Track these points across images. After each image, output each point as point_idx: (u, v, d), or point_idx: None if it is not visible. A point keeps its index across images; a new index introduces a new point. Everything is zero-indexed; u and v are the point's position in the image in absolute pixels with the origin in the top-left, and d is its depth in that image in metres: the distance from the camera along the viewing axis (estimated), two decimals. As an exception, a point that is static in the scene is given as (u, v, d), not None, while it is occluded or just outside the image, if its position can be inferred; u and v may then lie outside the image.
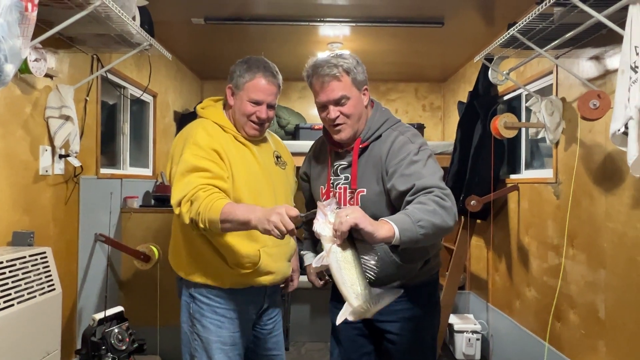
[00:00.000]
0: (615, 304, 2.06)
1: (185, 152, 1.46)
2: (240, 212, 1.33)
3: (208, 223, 1.35)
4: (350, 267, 1.13)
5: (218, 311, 1.56)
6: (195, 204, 1.36)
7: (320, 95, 1.45)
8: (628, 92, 1.53)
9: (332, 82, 1.43)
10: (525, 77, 2.94)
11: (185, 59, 4.14)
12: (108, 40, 2.25)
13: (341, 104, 1.44)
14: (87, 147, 2.51)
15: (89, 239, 2.51)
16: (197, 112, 1.67)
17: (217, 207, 1.34)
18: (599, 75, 2.20)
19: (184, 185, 1.40)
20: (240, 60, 1.60)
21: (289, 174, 1.73)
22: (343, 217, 1.12)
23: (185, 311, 1.60)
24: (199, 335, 1.56)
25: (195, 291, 1.56)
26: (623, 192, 2.00)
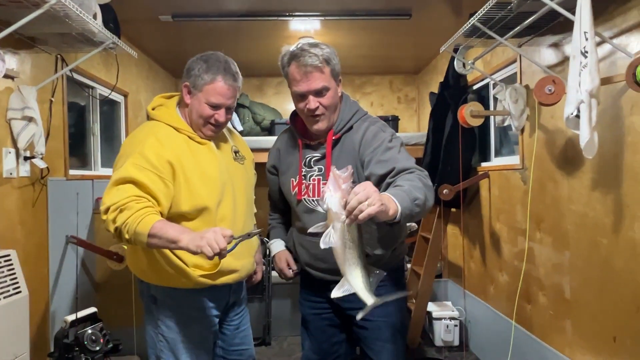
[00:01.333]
0: (579, 284, 2.12)
1: (129, 161, 1.39)
2: (172, 231, 1.32)
3: (134, 235, 1.31)
4: (355, 246, 1.12)
5: (180, 311, 1.52)
6: (126, 213, 1.32)
7: (300, 84, 1.43)
8: (579, 76, 1.57)
9: (314, 72, 1.41)
10: (491, 66, 2.99)
11: (157, 57, 4.10)
12: (70, 40, 2.22)
13: (321, 95, 1.44)
14: (55, 148, 2.48)
15: (60, 242, 2.48)
16: (148, 113, 1.59)
17: (148, 222, 1.31)
18: (559, 62, 2.26)
19: (118, 192, 1.35)
20: (199, 57, 1.52)
21: (248, 169, 1.71)
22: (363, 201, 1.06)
23: (149, 313, 1.56)
24: (164, 336, 1.52)
25: (157, 292, 1.52)
26: (583, 175, 2.06)
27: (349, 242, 1.11)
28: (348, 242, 1.11)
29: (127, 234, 1.32)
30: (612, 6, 1.84)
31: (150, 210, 1.35)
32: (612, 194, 1.86)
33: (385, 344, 1.59)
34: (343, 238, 1.11)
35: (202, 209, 1.47)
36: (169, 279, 1.48)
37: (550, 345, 2.35)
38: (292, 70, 1.44)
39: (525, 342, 2.55)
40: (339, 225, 1.11)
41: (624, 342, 1.82)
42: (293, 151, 1.60)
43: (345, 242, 1.11)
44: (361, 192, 1.08)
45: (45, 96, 2.40)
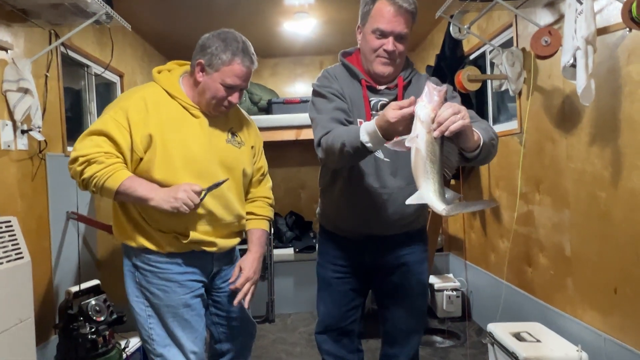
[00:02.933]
0: (579, 240, 2.13)
1: (109, 114, 1.40)
2: (141, 189, 1.36)
3: (102, 189, 1.35)
4: (436, 159, 1.09)
5: (162, 276, 1.49)
6: (95, 167, 1.34)
7: (388, 23, 1.38)
8: (575, 23, 1.57)
9: (406, 15, 1.38)
10: (487, 33, 2.98)
11: (151, 39, 4.08)
12: (64, 12, 2.21)
13: (401, 40, 1.41)
14: (52, 123, 2.48)
15: (61, 216, 2.49)
16: (153, 75, 1.56)
17: (118, 177, 1.35)
18: (555, 20, 2.25)
19: (90, 144, 1.36)
20: (215, 34, 1.47)
21: (245, 153, 1.60)
22: (457, 113, 1.08)
23: (131, 282, 1.53)
24: (150, 301, 1.50)
25: (137, 260, 1.50)
26: (581, 132, 2.06)
27: (431, 155, 1.08)
28: (430, 156, 1.08)
29: (94, 187, 1.35)
30: (607, -43, 1.83)
31: (119, 167, 1.37)
32: (610, 146, 1.87)
33: (415, 301, 1.62)
34: (427, 149, 1.08)
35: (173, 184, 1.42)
36: (145, 240, 1.47)
37: (552, 305, 2.36)
38: (381, 5, 1.38)
39: (526, 305, 2.56)
40: (425, 137, 1.08)
41: (625, 292, 1.83)
42: (355, 89, 1.48)
43: (428, 154, 1.08)
44: (456, 106, 1.10)
45: (41, 71, 2.39)
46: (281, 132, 3.83)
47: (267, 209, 1.70)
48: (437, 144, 1.08)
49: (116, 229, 1.54)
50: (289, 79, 4.91)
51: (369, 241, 1.55)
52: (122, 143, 1.38)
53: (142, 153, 1.41)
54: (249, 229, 1.67)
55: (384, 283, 1.62)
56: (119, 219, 1.52)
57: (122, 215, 1.49)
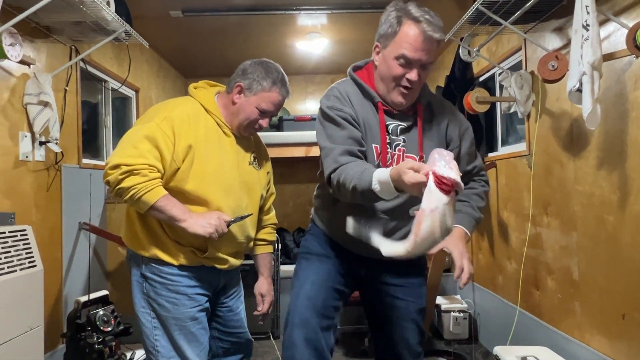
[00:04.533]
0: (587, 264, 2.12)
1: (155, 120, 1.45)
2: (175, 209, 1.43)
3: (137, 201, 1.39)
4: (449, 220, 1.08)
5: (172, 288, 1.52)
6: (136, 178, 1.38)
7: (415, 51, 1.29)
8: (581, 49, 1.60)
9: (434, 45, 1.31)
10: (497, 56, 3.01)
11: (167, 55, 4.19)
12: (85, 29, 2.29)
13: (425, 70, 1.34)
14: (68, 136, 2.55)
15: (73, 227, 2.54)
16: (188, 90, 1.65)
17: (156, 194, 1.40)
18: (563, 45, 2.27)
19: (135, 153, 1.40)
20: (257, 62, 1.57)
21: (262, 176, 1.70)
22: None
23: (138, 292, 1.56)
24: (157, 313, 1.52)
25: (147, 270, 1.53)
26: (589, 155, 2.07)
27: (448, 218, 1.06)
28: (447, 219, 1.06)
29: (129, 197, 1.39)
30: (614, -15, 1.87)
31: (157, 182, 1.42)
32: (618, 170, 1.87)
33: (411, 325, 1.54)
34: (443, 213, 1.05)
35: (203, 197, 1.49)
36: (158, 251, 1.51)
37: (559, 329, 2.34)
38: (409, 30, 1.28)
39: (534, 328, 2.54)
40: (445, 200, 1.04)
41: (633, 317, 1.81)
42: (369, 112, 1.40)
43: (445, 218, 1.05)
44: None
45: (60, 85, 2.47)
46: (291, 149, 3.88)
47: (274, 234, 1.85)
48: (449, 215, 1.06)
49: (128, 238, 1.58)
50: (300, 97, 4.99)
51: (367, 259, 1.47)
52: (165, 153, 1.44)
53: (180, 163, 1.47)
54: (260, 254, 1.79)
55: (379, 303, 1.54)
56: (133, 228, 1.55)
57: (139, 224, 1.53)
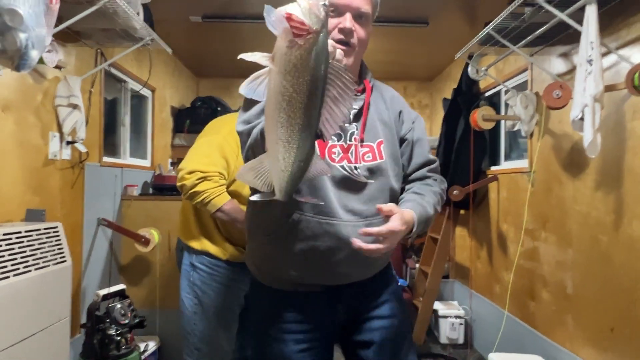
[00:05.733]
0: (580, 279, 2.24)
1: (222, 133, 1.70)
2: (238, 214, 1.66)
3: (207, 204, 1.64)
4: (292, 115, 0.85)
5: (217, 279, 1.74)
6: (209, 184, 1.63)
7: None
8: (584, 82, 1.71)
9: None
10: (504, 74, 3.13)
11: (182, 56, 4.29)
12: (112, 35, 2.40)
13: (360, 21, 1.13)
14: (91, 136, 2.66)
15: (92, 223, 2.65)
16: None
17: (223, 198, 1.65)
18: (567, 70, 2.39)
19: (207, 161, 1.65)
20: None
21: None
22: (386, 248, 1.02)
23: (185, 279, 1.79)
24: (200, 299, 1.73)
25: (197, 260, 1.75)
26: (587, 177, 2.19)
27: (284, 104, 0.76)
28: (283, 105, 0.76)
29: (199, 199, 1.64)
30: (617, 19, 1.98)
31: (224, 189, 1.68)
32: (614, 194, 1.99)
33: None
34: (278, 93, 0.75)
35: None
36: (210, 245, 1.76)
37: (552, 339, 2.47)
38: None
39: (527, 337, 2.66)
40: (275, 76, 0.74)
41: (621, 332, 1.94)
42: None
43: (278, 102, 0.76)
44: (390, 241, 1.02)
45: (86, 87, 2.58)
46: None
47: None
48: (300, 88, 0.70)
49: (183, 231, 1.84)
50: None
51: (333, 293, 1.18)
52: (231, 162, 1.67)
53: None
54: None
55: (362, 342, 1.23)
56: (187, 223, 1.80)
57: (194, 220, 1.78)
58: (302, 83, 0.67)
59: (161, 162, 3.70)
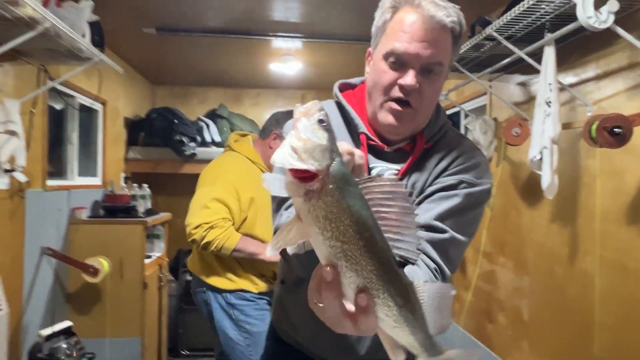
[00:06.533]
0: (536, 307, 2.29)
1: (218, 185, 1.87)
2: (252, 247, 1.88)
3: (222, 248, 1.83)
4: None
5: (258, 307, 1.92)
6: (217, 231, 1.81)
7: (409, 41, 0.85)
8: (543, 124, 1.73)
9: (442, 35, 0.86)
10: (463, 96, 3.16)
11: (137, 65, 4.09)
12: (56, 54, 2.23)
13: (428, 75, 0.87)
14: (33, 159, 2.46)
15: (35, 253, 2.47)
16: (230, 145, 2.07)
17: (235, 239, 1.85)
18: (525, 100, 2.43)
19: (209, 212, 1.83)
20: (287, 112, 1.92)
21: None
22: None
23: (227, 318, 1.94)
24: (249, 332, 1.87)
25: (233, 298, 1.92)
26: (544, 208, 2.23)
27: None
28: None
29: (215, 247, 1.82)
30: (573, 56, 2.02)
31: (233, 229, 1.87)
32: (568, 228, 2.04)
33: None
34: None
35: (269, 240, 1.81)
36: (242, 282, 1.93)
37: (508, 363, 2.51)
38: (404, 15, 0.86)
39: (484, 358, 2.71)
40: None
41: (574, 364, 1.99)
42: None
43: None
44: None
45: (26, 107, 2.39)
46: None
47: None
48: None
49: (206, 272, 1.98)
50: (270, 110, 4.96)
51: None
52: (233, 207, 1.85)
53: (247, 212, 1.90)
54: None
55: None
56: (211, 264, 1.95)
57: (216, 261, 1.94)
58: (346, 229, 0.51)
59: (114, 179, 3.51)
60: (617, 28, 1.50)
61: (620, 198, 1.73)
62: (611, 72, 1.81)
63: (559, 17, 1.73)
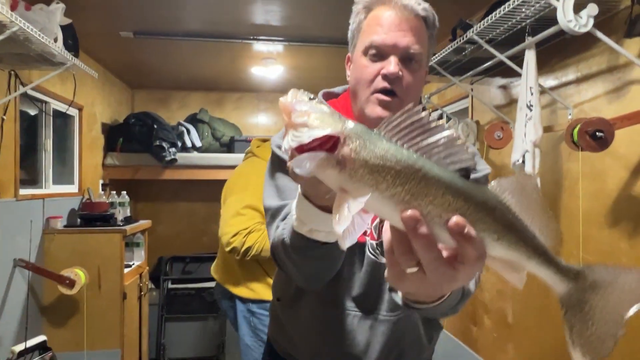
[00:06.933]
0: (520, 310, 2.29)
1: (248, 193, 1.86)
2: None
3: (262, 250, 1.83)
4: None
5: None
6: (255, 235, 1.82)
7: (386, 33, 0.86)
8: (524, 127, 1.73)
9: (416, 22, 0.88)
10: (445, 99, 3.16)
11: (114, 69, 4.00)
12: (27, 59, 2.15)
13: (409, 63, 0.88)
14: (5, 168, 2.38)
15: (8, 266, 2.37)
16: (252, 151, 2.07)
17: None
18: (506, 103, 2.44)
19: (244, 219, 1.84)
20: None
21: None
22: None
23: (246, 324, 1.96)
24: (263, 340, 1.83)
25: (254, 306, 1.93)
26: (526, 210, 2.23)
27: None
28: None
29: (256, 251, 1.83)
30: (554, 59, 2.03)
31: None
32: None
33: None
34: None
35: None
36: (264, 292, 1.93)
37: (494, 366, 2.51)
38: (377, 12, 0.89)
39: (471, 362, 2.70)
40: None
41: (559, 367, 1.99)
42: None
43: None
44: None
45: (-3, 114, 2.30)
46: (242, 172, 3.86)
47: None
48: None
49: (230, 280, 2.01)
50: (252, 114, 4.94)
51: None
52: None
53: None
54: None
55: None
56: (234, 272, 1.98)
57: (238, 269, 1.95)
58: (397, 169, 0.46)
59: (91, 186, 3.41)
60: (596, 32, 1.51)
61: (602, 201, 1.74)
62: (591, 75, 1.82)
63: (540, 20, 1.73)
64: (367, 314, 0.93)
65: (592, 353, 0.49)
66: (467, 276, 0.48)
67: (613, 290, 0.49)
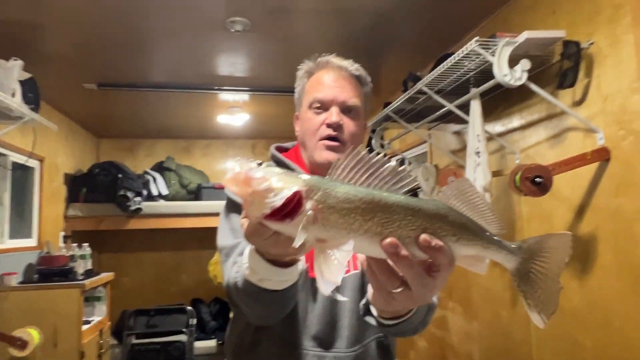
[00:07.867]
0: (486, 352, 2.30)
1: None
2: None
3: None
4: None
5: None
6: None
7: (327, 90, 1.01)
8: (474, 173, 1.80)
9: (351, 80, 1.03)
10: (406, 143, 3.27)
11: (79, 119, 3.99)
12: (-17, 113, 2.14)
13: (348, 114, 1.01)
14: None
15: (-46, 328, 2.25)
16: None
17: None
18: (462, 147, 2.54)
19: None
20: None
21: None
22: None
23: None
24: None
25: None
26: (485, 252, 2.29)
27: None
28: None
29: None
30: (500, 107, 2.15)
31: None
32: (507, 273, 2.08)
33: None
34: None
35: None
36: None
37: (464, 411, 2.48)
38: (318, 74, 1.04)
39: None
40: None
41: (525, 410, 1.98)
42: None
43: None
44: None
45: (-51, 169, 2.25)
46: (211, 219, 3.81)
47: None
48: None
49: None
50: (221, 160, 4.96)
51: None
52: None
53: None
54: None
55: None
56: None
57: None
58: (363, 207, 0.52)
59: (51, 238, 3.32)
60: (531, 84, 1.62)
61: (551, 241, 1.80)
62: (533, 122, 1.93)
63: (483, 73, 1.85)
64: (326, 350, 0.96)
65: (545, 309, 0.57)
66: (443, 280, 0.55)
67: (546, 254, 0.58)
